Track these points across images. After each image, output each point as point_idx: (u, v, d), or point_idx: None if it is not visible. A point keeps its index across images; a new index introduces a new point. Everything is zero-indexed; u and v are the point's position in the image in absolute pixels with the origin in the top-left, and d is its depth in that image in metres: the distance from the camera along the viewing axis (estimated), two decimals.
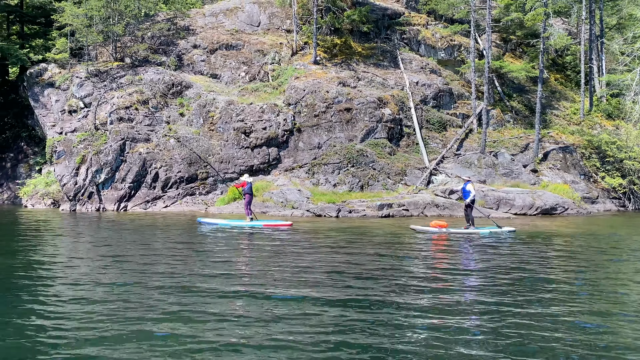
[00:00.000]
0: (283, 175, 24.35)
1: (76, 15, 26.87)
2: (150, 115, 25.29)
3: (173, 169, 23.76)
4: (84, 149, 23.96)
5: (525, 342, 5.94)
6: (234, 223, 17.44)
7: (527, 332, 6.25)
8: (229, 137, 24.66)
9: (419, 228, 16.17)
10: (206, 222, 17.60)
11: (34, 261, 10.72)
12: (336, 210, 20.60)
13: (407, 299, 7.71)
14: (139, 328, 6.24)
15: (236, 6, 32.65)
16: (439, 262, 11.21)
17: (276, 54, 29.55)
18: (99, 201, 23.28)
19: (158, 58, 28.28)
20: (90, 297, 7.71)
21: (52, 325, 6.38)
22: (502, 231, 15.96)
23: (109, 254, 11.58)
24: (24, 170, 29.80)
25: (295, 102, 25.78)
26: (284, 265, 10.26)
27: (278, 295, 7.83)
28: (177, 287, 8.26)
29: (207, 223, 17.52)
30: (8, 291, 8.07)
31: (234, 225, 17.21)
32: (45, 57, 29.04)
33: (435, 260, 11.51)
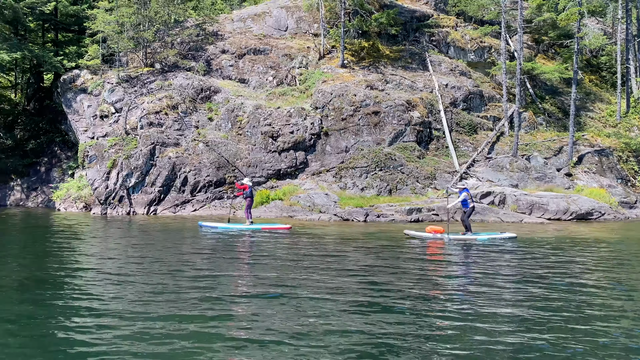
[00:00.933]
0: (310, 179, 24.24)
1: (108, 22, 27.37)
2: (180, 120, 25.53)
3: (202, 173, 23.91)
4: (115, 153, 24.32)
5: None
6: (234, 226, 17.52)
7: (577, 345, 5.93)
8: (257, 141, 24.70)
9: (412, 233, 15.73)
10: (207, 226, 17.70)
11: (65, 263, 10.84)
12: (364, 215, 20.36)
13: (445, 307, 7.45)
14: (170, 326, 6.19)
15: (264, 11, 32.82)
16: (467, 269, 10.87)
17: (303, 58, 29.54)
18: (129, 205, 23.56)
19: (187, 63, 28.59)
20: (121, 296, 7.70)
21: (85, 324, 6.39)
22: (501, 237, 15.24)
23: (139, 256, 11.63)
24: (57, 174, 30.50)
25: (323, 106, 25.68)
26: (316, 267, 10.11)
27: (309, 296, 7.68)
28: (207, 288, 8.19)
29: (208, 227, 17.63)
30: (42, 291, 8.13)
31: (233, 228, 17.28)
32: (78, 64, 29.67)
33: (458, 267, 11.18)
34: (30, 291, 8.36)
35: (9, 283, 8.90)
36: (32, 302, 7.68)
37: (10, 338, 6.10)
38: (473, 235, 15.43)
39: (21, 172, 31.15)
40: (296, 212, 21.52)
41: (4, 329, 6.41)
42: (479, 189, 23.41)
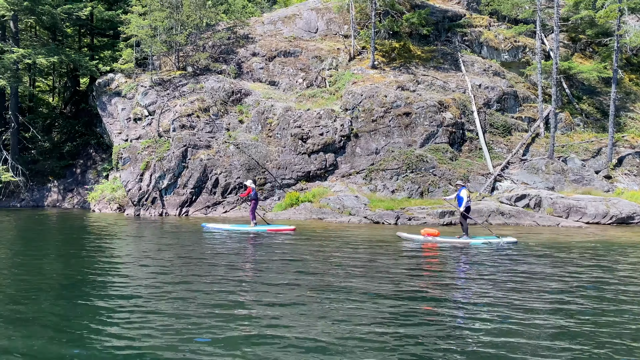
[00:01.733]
0: (340, 181, 24.08)
1: (141, 27, 27.83)
2: (211, 122, 25.75)
3: (232, 175, 24.03)
4: (148, 155, 24.68)
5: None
6: (239, 228, 17.67)
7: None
8: (286, 143, 24.69)
9: (404, 235, 15.45)
10: (211, 227, 17.83)
11: (100, 263, 10.97)
12: (395, 217, 20.08)
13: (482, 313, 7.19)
14: (204, 325, 6.13)
15: (294, 13, 32.85)
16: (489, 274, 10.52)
17: (333, 59, 29.43)
18: (161, 206, 23.87)
19: (218, 66, 28.82)
20: (155, 295, 7.71)
21: (119, 322, 6.40)
22: (500, 242, 14.57)
23: (172, 257, 11.69)
24: (92, 176, 31.16)
25: (353, 107, 25.50)
26: (349, 265, 9.95)
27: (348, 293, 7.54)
28: (239, 290, 8.14)
29: (212, 228, 17.76)
30: (78, 290, 8.22)
31: (238, 230, 17.43)
32: (113, 68, 30.26)
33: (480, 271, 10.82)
34: (67, 290, 8.47)
35: (47, 282, 9.03)
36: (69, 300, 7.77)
37: (48, 335, 6.15)
38: (467, 239, 14.83)
39: (58, 174, 31.96)
40: (326, 215, 21.39)
41: (43, 328, 6.49)
42: (514, 191, 22.84)
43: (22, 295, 8.08)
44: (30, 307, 7.42)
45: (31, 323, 6.69)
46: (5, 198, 29.62)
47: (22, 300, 7.74)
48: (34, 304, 7.57)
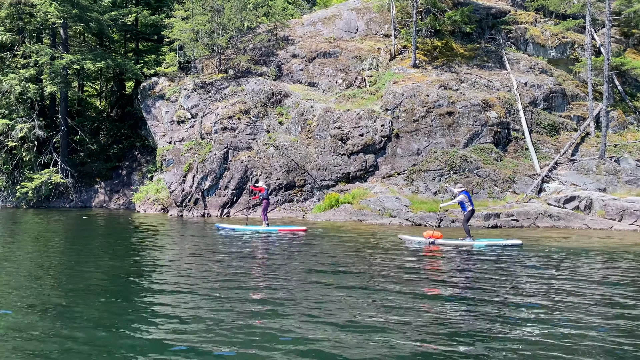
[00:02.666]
0: (380, 183, 23.76)
1: (184, 31, 28.31)
2: (252, 124, 25.91)
3: (272, 176, 24.09)
4: (190, 157, 25.05)
5: None
6: (251, 228, 17.86)
7: None
8: (326, 144, 24.56)
9: (406, 238, 15.23)
10: (224, 227, 18.13)
11: (144, 263, 11.12)
12: (438, 220, 19.61)
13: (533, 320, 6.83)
14: (243, 323, 6.06)
15: (334, 14, 32.74)
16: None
17: (374, 59, 29.12)
18: (204, 207, 24.17)
19: (259, 69, 29.01)
20: (195, 294, 7.70)
21: (163, 321, 6.41)
22: (504, 244, 14.20)
23: (213, 256, 11.73)
24: (137, 177, 31.91)
25: (394, 107, 25.13)
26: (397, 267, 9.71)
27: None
28: (279, 289, 8.04)
29: (225, 228, 18.04)
30: (124, 287, 8.32)
31: (251, 230, 17.64)
32: (157, 71, 30.92)
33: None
34: (113, 288, 8.60)
35: (94, 282, 9.19)
36: (115, 298, 7.86)
37: (96, 334, 6.21)
38: (470, 241, 14.48)
39: (105, 176, 32.89)
40: (366, 216, 21.12)
41: (91, 326, 6.59)
42: (562, 193, 21.95)
43: (72, 291, 8.27)
44: (79, 302, 7.61)
45: (80, 318, 6.84)
46: (55, 199, 30.69)
47: (72, 296, 7.92)
48: (83, 300, 7.71)
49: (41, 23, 30.42)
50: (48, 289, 8.66)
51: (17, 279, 9.47)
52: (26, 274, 9.90)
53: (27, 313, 7.14)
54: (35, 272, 10.13)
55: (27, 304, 7.62)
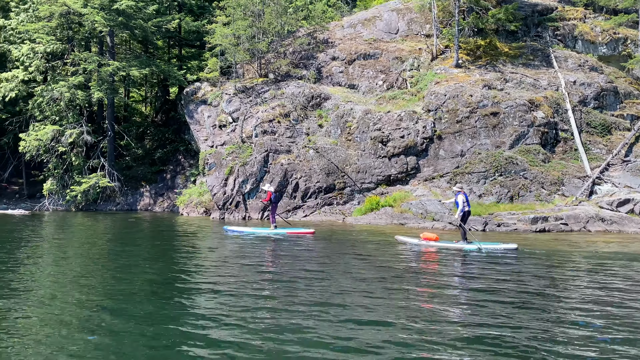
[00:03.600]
0: (422, 185, 23.30)
1: (225, 36, 28.68)
2: (291, 127, 25.94)
3: (312, 179, 24.02)
4: (232, 160, 25.29)
5: None
6: (260, 231, 18.04)
7: None
8: (366, 147, 24.29)
9: (401, 239, 15.13)
10: (232, 230, 18.19)
11: (188, 264, 11.20)
12: (482, 224, 19.03)
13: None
14: (287, 323, 5.94)
15: (374, 15, 32.47)
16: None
17: (415, 60, 28.67)
18: (244, 210, 24.34)
19: (299, 72, 29.06)
20: (237, 296, 7.64)
21: (206, 322, 6.38)
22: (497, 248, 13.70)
23: (256, 259, 11.71)
24: (180, 181, 32.51)
25: (436, 108, 24.62)
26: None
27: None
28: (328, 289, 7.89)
29: (233, 231, 18.12)
30: (169, 289, 8.37)
31: (259, 233, 17.78)
32: (199, 77, 31.45)
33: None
34: (158, 289, 8.68)
35: (141, 283, 9.30)
36: (159, 299, 7.92)
37: (140, 334, 6.23)
38: (461, 244, 14.18)
39: (150, 179, 33.67)
40: (407, 220, 20.73)
41: (135, 327, 6.65)
42: (615, 195, 20.91)
43: (119, 292, 8.39)
44: (124, 303, 7.71)
45: (123, 317, 6.95)
46: (102, 202, 31.61)
47: (118, 297, 8.03)
48: (128, 301, 7.80)
49: (89, 32, 31.47)
50: (98, 289, 8.85)
51: (69, 279, 9.68)
52: (77, 274, 10.13)
53: (79, 310, 7.32)
54: (86, 273, 10.35)
55: (78, 302, 7.76)
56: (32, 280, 9.58)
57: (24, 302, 7.89)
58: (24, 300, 7.98)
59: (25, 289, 8.79)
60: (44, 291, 8.72)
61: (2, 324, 6.71)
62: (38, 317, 7.10)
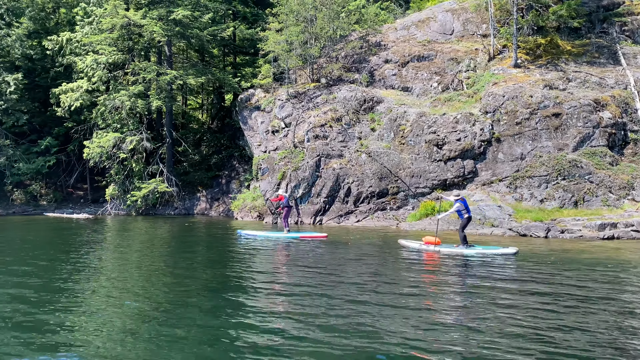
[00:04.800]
0: (480, 190, 22.46)
1: (278, 42, 28.93)
2: (343, 131, 25.75)
3: (364, 184, 23.70)
4: (284, 165, 25.39)
5: None
6: (274, 235, 18.38)
7: None
8: (420, 150, 23.72)
9: (404, 243, 15.40)
10: (246, 234, 18.69)
11: (243, 267, 11.20)
12: (545, 230, 18.07)
13: None
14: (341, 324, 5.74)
15: (428, 17, 31.83)
16: None
17: (471, 60, 27.81)
18: (297, 215, 24.32)
19: (351, 76, 28.86)
20: (297, 301, 7.51)
21: (262, 326, 6.27)
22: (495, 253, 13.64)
23: (307, 264, 11.56)
24: (235, 186, 33.03)
25: (494, 110, 23.72)
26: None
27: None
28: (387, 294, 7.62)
29: (247, 234, 18.62)
30: (225, 292, 8.36)
31: (273, 237, 18.11)
32: (253, 84, 31.90)
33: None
34: (214, 291, 8.72)
35: (197, 284, 9.36)
36: (215, 300, 7.93)
37: (198, 336, 6.20)
38: (461, 249, 14.14)
39: (206, 184, 34.43)
40: None
41: (192, 329, 6.69)
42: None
43: (174, 295, 8.47)
44: (179, 307, 7.79)
45: (188, 318, 7.03)
46: (161, 207, 32.56)
47: (174, 300, 8.10)
48: (183, 304, 7.83)
49: (148, 42, 32.59)
50: (159, 291, 9.03)
51: (132, 281, 9.90)
52: (139, 277, 10.34)
53: (142, 310, 7.48)
54: (147, 275, 10.57)
55: (142, 301, 7.87)
56: (101, 275, 9.84)
57: (97, 294, 8.31)
58: (97, 293, 8.37)
59: (97, 282, 9.07)
60: (112, 286, 9.00)
61: (76, 313, 6.89)
62: (109, 309, 7.44)
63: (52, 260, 12.65)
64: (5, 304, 7.80)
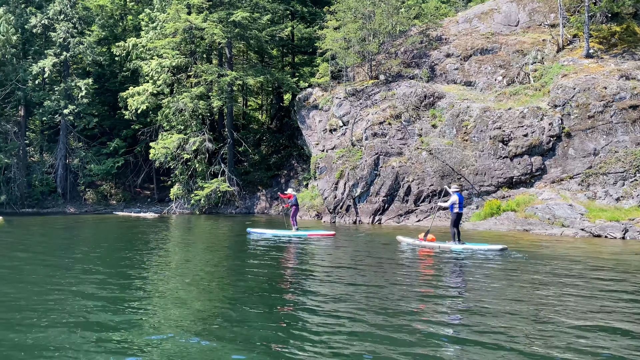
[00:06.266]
0: (549, 188, 21.25)
1: (335, 40, 28.72)
2: (403, 129, 25.16)
3: (425, 182, 23.03)
4: (342, 164, 25.14)
5: None
6: (282, 233, 18.37)
7: None
8: (485, 147, 22.76)
9: (400, 238, 15.56)
10: (255, 232, 18.68)
11: (300, 269, 11.08)
12: (622, 230, 16.78)
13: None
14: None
15: (491, 8, 30.55)
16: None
17: (538, 52, 26.40)
18: (355, 214, 24.02)
19: (410, 71, 28.19)
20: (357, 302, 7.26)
21: (320, 324, 6.07)
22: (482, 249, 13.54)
23: (367, 264, 11.27)
24: (294, 185, 33.15)
25: (563, 103, 22.38)
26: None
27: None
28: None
29: (256, 233, 18.61)
30: (280, 293, 8.25)
31: (282, 235, 18.09)
32: (310, 83, 31.87)
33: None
34: (269, 293, 8.61)
35: (254, 285, 9.32)
36: (268, 303, 7.82)
37: (256, 337, 6.12)
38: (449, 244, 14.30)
39: (265, 184, 34.79)
40: (532, 226, 18.96)
41: (256, 327, 6.66)
42: None
43: (233, 296, 8.47)
44: (243, 305, 7.79)
45: (246, 318, 6.94)
46: (223, 205, 33.21)
47: (232, 302, 8.08)
48: (251, 301, 7.78)
49: (209, 45, 33.33)
50: (223, 290, 9.09)
51: (197, 279, 10.02)
52: (204, 275, 10.45)
53: (202, 309, 7.52)
54: (212, 273, 10.67)
55: (207, 300, 7.89)
56: (167, 274, 10.00)
57: (164, 294, 8.51)
58: (164, 292, 8.60)
59: (163, 282, 9.20)
60: (179, 285, 9.11)
61: (145, 309, 6.97)
62: (176, 309, 7.52)
63: (122, 258, 13.04)
64: (74, 303, 8.00)
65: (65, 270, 11.01)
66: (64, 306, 7.70)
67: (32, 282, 9.59)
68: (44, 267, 11.53)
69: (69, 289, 8.96)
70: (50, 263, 12.18)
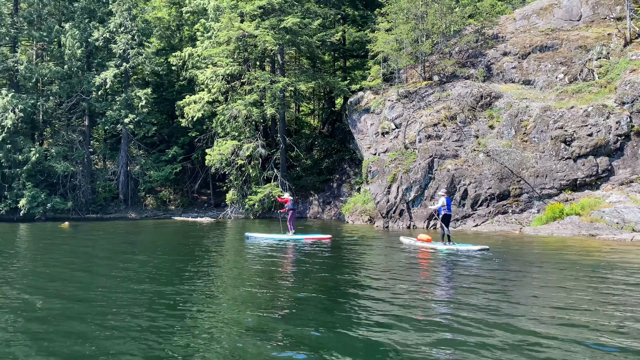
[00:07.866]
0: (617, 190, 19.98)
1: (387, 42, 28.33)
2: (458, 130, 24.43)
3: (482, 185, 22.22)
4: (394, 168, 24.69)
5: None
6: (280, 237, 18.64)
7: None
8: (546, 148, 21.71)
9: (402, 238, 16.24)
10: (252, 237, 19.13)
11: (356, 273, 10.87)
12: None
13: None
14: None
15: (551, 3, 29.25)
16: None
17: (603, 47, 24.99)
18: (409, 218, 23.50)
19: (466, 71, 27.38)
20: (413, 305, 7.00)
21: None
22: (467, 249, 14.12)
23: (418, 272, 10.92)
24: (346, 189, 32.93)
25: (632, 100, 21.02)
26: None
27: None
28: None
29: (254, 237, 18.98)
30: (333, 297, 8.10)
31: (280, 239, 18.33)
32: (362, 86, 31.57)
33: None
34: (327, 297, 8.53)
35: (310, 290, 9.24)
36: (327, 307, 7.74)
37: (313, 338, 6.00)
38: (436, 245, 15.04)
39: (318, 188, 34.76)
40: (599, 230, 17.85)
41: (309, 328, 6.74)
42: None
43: (287, 301, 8.41)
44: (295, 307, 7.88)
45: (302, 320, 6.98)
46: (276, 210, 33.40)
47: (287, 306, 8.05)
48: (294, 313, 7.71)
49: (262, 52, 33.71)
50: (277, 292, 9.15)
51: (251, 282, 10.09)
52: (259, 278, 10.50)
53: (261, 312, 7.62)
54: (266, 276, 10.74)
55: (258, 304, 7.90)
56: (222, 277, 10.07)
57: (217, 297, 8.61)
58: (217, 296, 8.71)
59: (218, 285, 9.30)
60: (232, 288, 9.14)
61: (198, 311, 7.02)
62: (228, 314, 7.67)
63: (181, 262, 13.29)
64: (132, 307, 8.15)
65: (123, 276, 11.29)
66: (131, 309, 7.95)
67: (103, 286, 9.92)
68: (97, 275, 11.90)
69: (133, 295, 9.18)
70: (109, 269, 12.55)
